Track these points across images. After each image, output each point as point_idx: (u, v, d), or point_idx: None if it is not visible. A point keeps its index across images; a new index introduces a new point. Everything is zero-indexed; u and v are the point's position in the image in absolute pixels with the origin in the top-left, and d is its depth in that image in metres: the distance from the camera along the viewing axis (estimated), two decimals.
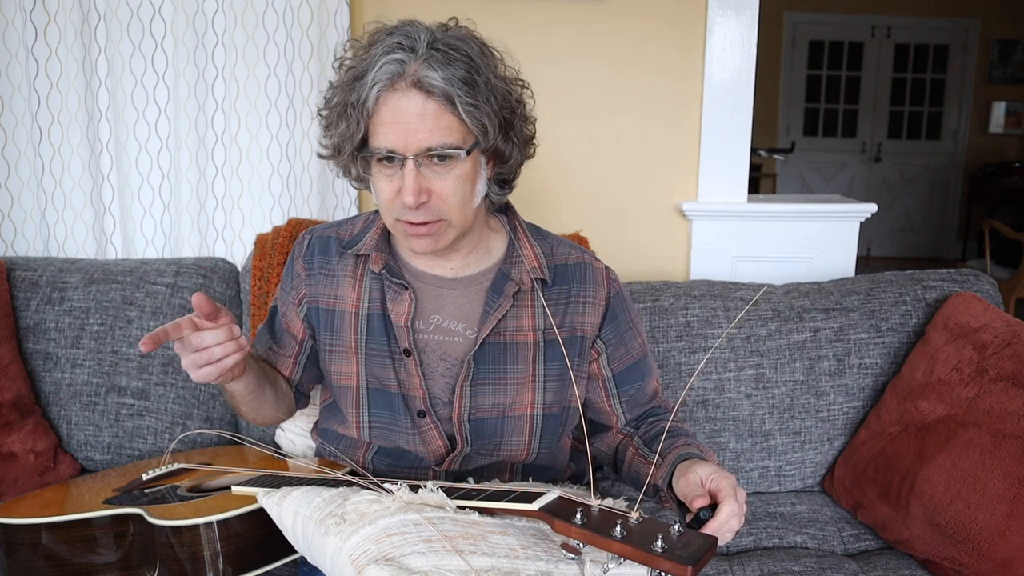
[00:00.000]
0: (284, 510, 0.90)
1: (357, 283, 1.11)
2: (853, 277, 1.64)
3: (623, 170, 1.84)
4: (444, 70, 0.92)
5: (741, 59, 1.77)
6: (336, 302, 1.12)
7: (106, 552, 1.02)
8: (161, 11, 1.68)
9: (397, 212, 0.99)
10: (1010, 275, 3.96)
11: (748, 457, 1.49)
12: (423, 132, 0.93)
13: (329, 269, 1.13)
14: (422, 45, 0.92)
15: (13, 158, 1.73)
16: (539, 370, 1.10)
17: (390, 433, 1.12)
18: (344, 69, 0.98)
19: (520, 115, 1.03)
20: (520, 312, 1.10)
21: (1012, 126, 6.53)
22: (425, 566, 0.77)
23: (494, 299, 1.08)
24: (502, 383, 1.09)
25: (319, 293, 1.13)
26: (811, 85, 6.61)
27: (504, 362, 1.09)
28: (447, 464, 1.11)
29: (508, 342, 1.09)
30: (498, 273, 1.10)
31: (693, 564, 0.67)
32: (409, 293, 1.08)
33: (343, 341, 1.12)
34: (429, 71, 0.91)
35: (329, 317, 1.13)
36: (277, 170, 1.73)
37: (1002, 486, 1.13)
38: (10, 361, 1.46)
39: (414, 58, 0.92)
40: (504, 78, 1.00)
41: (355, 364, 1.11)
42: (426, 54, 0.92)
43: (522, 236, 1.13)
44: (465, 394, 1.08)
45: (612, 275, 1.17)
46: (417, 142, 0.93)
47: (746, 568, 1.26)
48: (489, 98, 0.95)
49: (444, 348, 1.09)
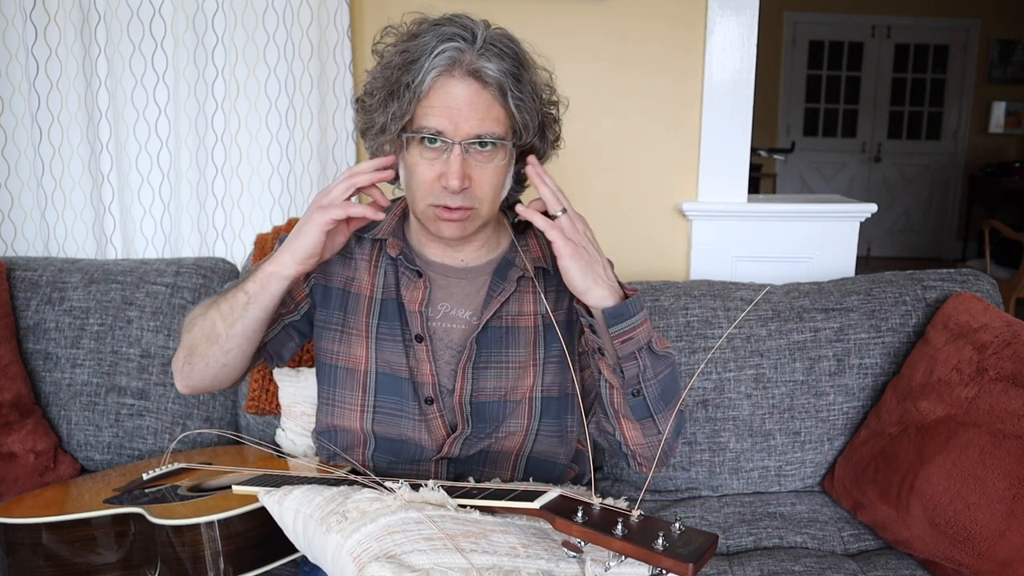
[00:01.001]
0: (285, 509, 0.90)
1: (372, 267, 1.14)
2: (853, 277, 1.64)
3: (623, 170, 1.84)
4: (499, 63, 0.97)
5: (741, 59, 1.78)
6: (351, 284, 1.15)
7: (107, 552, 1.02)
8: (161, 11, 1.68)
9: (434, 196, 1.02)
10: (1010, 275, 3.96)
11: (748, 457, 1.49)
12: (474, 119, 0.97)
13: (346, 250, 1.15)
14: (480, 37, 0.97)
15: (13, 158, 1.73)
16: (539, 353, 1.13)
17: (395, 419, 1.12)
18: (394, 53, 1.01)
19: (552, 117, 1.09)
20: (522, 298, 1.13)
21: (1012, 126, 6.53)
22: (426, 564, 0.77)
23: (498, 284, 1.12)
24: (504, 367, 1.12)
25: (332, 272, 1.15)
26: (811, 85, 6.61)
27: (506, 345, 1.12)
28: (447, 448, 1.11)
29: (510, 326, 1.12)
30: (502, 261, 1.14)
31: (694, 562, 0.67)
32: (424, 279, 1.11)
33: (356, 324, 1.13)
34: (486, 62, 0.96)
35: (342, 298, 1.14)
36: (277, 170, 1.73)
37: (1002, 486, 1.13)
38: (10, 361, 1.46)
39: (472, 48, 0.96)
40: (542, 80, 1.06)
41: (365, 348, 1.12)
42: (483, 46, 0.97)
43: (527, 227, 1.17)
44: (467, 376, 1.10)
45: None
46: (468, 128, 0.97)
47: (746, 568, 1.26)
48: (533, 96, 1.02)
49: (450, 335, 1.12)
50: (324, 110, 1.73)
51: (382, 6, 1.75)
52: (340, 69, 1.72)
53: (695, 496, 1.51)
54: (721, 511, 1.43)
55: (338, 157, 1.77)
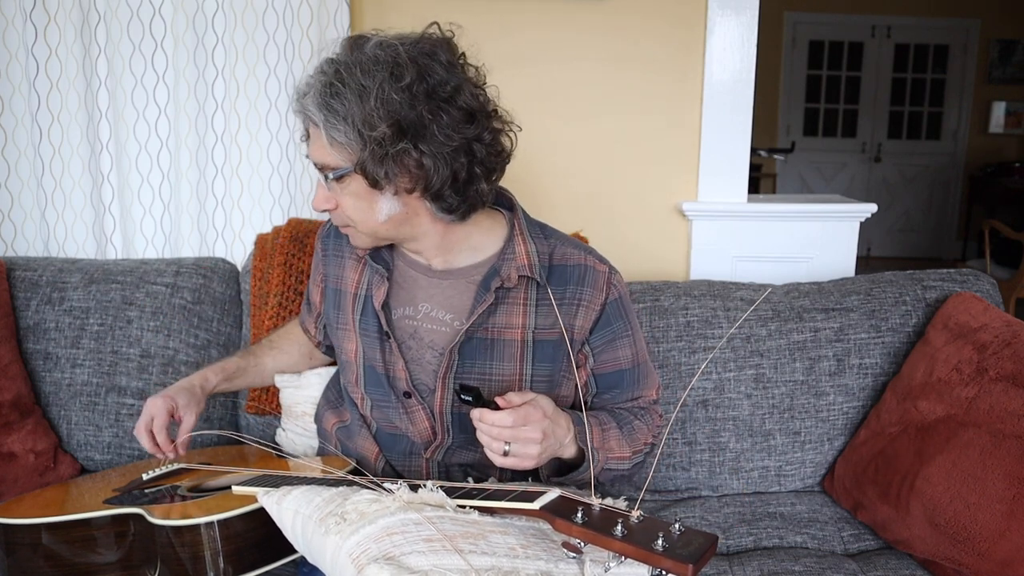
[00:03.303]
0: (284, 509, 0.90)
1: (360, 266, 1.18)
2: (853, 277, 1.64)
3: (623, 170, 1.84)
4: (315, 98, 0.98)
5: (741, 59, 1.77)
6: (341, 283, 1.20)
7: (107, 552, 1.02)
8: (161, 11, 1.68)
9: None
10: (1010, 275, 3.96)
11: (748, 457, 1.49)
12: (313, 151, 1.03)
13: (339, 251, 1.21)
14: (316, 73, 1.00)
15: (13, 158, 1.73)
16: (526, 369, 1.11)
17: (384, 409, 1.16)
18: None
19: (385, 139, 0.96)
20: (511, 309, 1.10)
21: (1012, 126, 6.52)
22: (425, 565, 0.77)
23: (482, 293, 1.10)
24: (487, 379, 1.10)
25: (329, 273, 1.23)
26: (811, 85, 6.61)
27: (490, 358, 1.10)
28: (430, 452, 1.14)
29: (495, 339, 1.10)
30: (490, 269, 1.11)
31: (694, 562, 0.67)
32: (385, 278, 1.12)
33: (346, 320, 1.18)
34: (307, 98, 0.99)
35: (335, 296, 1.21)
36: (277, 170, 1.73)
37: (1002, 486, 1.13)
38: (10, 361, 1.46)
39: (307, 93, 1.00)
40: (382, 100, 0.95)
41: (354, 342, 1.17)
42: (313, 80, 1.00)
43: (517, 235, 1.13)
44: (447, 386, 1.10)
45: (615, 280, 1.15)
46: (313, 158, 1.04)
47: (746, 568, 1.26)
48: (357, 125, 0.95)
49: (432, 336, 1.12)
50: None
51: (382, 6, 1.75)
52: None
53: (695, 496, 1.51)
54: (721, 511, 1.43)
55: None
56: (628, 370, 1.17)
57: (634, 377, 1.17)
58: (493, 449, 0.94)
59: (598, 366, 1.15)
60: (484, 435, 0.94)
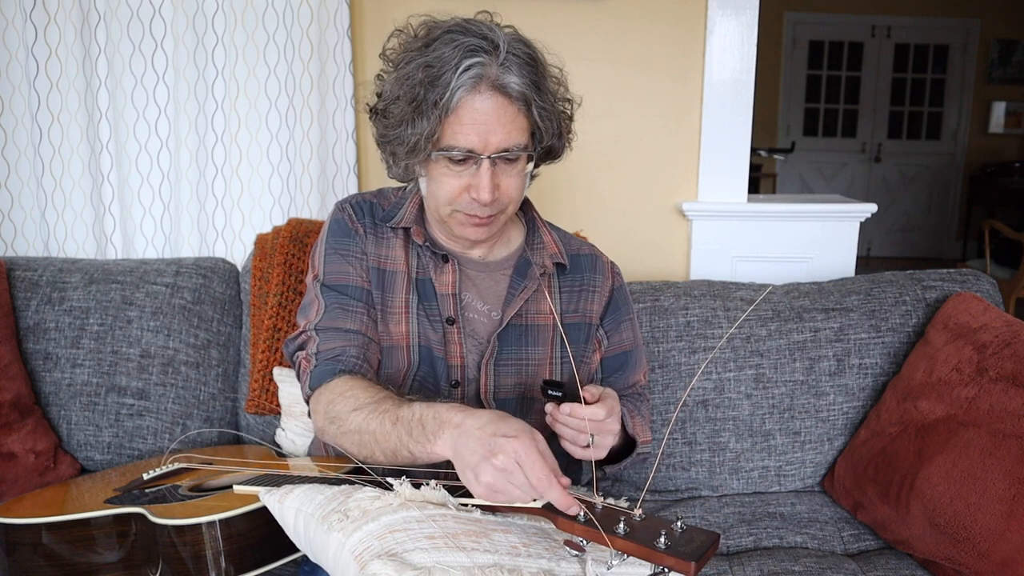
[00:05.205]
0: (286, 508, 0.90)
1: (405, 247, 1.14)
2: (853, 277, 1.64)
3: (623, 170, 1.84)
4: (521, 74, 0.97)
5: (741, 59, 1.78)
6: (388, 263, 1.13)
7: (108, 552, 1.02)
8: (161, 11, 1.68)
9: (460, 204, 1.04)
10: (1010, 275, 3.96)
11: (748, 457, 1.50)
12: (502, 133, 0.99)
13: (378, 231, 1.14)
14: (501, 48, 0.97)
15: (13, 158, 1.73)
16: (556, 352, 1.16)
17: (432, 395, 1.13)
18: (415, 66, 0.98)
19: (567, 115, 1.09)
20: (539, 296, 1.16)
21: (1012, 126, 6.53)
22: (427, 562, 0.77)
23: (519, 282, 1.14)
24: (523, 364, 1.14)
25: (370, 252, 1.13)
26: (811, 85, 6.62)
27: (525, 343, 1.14)
28: None
29: (529, 324, 1.15)
30: (520, 259, 1.17)
31: (696, 560, 0.67)
32: (452, 263, 1.12)
33: (394, 302, 1.12)
34: (510, 75, 0.97)
35: (377, 276, 1.12)
36: (277, 170, 1.73)
37: (1002, 486, 1.13)
38: (10, 361, 1.46)
39: (495, 61, 0.96)
40: (556, 80, 1.06)
41: (405, 324, 1.12)
42: (505, 57, 0.97)
43: (541, 225, 1.21)
44: (490, 372, 1.13)
45: (616, 269, 1.26)
46: (496, 142, 0.99)
47: (746, 568, 1.26)
48: (553, 101, 1.03)
49: (472, 326, 1.14)
50: (324, 110, 1.73)
51: (382, 6, 1.75)
52: (340, 69, 1.72)
53: (695, 496, 1.51)
54: (721, 511, 1.44)
55: (338, 157, 1.77)
56: (631, 351, 1.25)
57: (635, 358, 1.25)
58: (578, 442, 0.94)
59: (606, 350, 1.22)
60: (568, 428, 0.94)
